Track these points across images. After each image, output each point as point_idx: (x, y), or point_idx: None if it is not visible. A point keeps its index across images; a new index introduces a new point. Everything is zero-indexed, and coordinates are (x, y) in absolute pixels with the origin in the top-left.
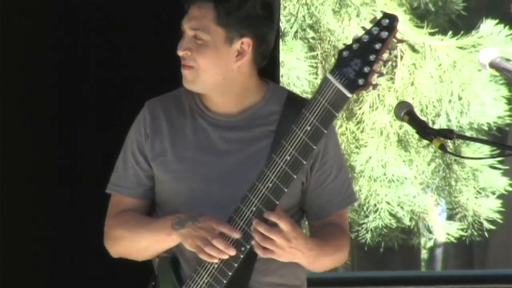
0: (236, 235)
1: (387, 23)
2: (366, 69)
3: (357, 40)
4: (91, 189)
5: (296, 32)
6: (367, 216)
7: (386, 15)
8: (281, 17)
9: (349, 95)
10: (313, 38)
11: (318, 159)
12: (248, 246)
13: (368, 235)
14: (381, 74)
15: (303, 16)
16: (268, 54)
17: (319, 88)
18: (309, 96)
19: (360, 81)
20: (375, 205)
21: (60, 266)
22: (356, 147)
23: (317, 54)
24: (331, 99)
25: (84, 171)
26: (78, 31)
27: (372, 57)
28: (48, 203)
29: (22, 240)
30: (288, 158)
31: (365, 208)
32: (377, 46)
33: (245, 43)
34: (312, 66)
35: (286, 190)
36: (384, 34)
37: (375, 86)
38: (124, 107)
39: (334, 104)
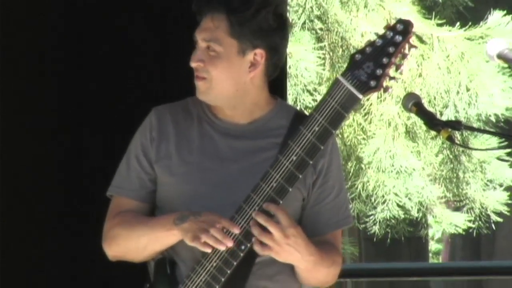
0: (236, 230)
1: (402, 28)
2: (378, 72)
3: (370, 44)
4: (91, 189)
5: (304, 23)
6: (375, 208)
7: (400, 21)
8: (289, 8)
9: (360, 96)
10: (320, 29)
11: (321, 175)
12: (248, 245)
13: (376, 227)
14: (392, 78)
15: (311, 7)
16: (280, 65)
17: (329, 90)
18: (316, 87)
19: (372, 83)
20: (383, 196)
21: (60, 266)
22: (364, 139)
23: (324, 45)
24: (341, 100)
25: (84, 171)
26: (78, 31)
27: (385, 60)
28: (48, 203)
29: (22, 240)
30: (294, 158)
31: (372, 200)
32: (391, 49)
33: (258, 54)
34: (319, 57)
35: (290, 190)
36: (398, 38)
37: (386, 89)
38: (125, 107)
39: (344, 105)
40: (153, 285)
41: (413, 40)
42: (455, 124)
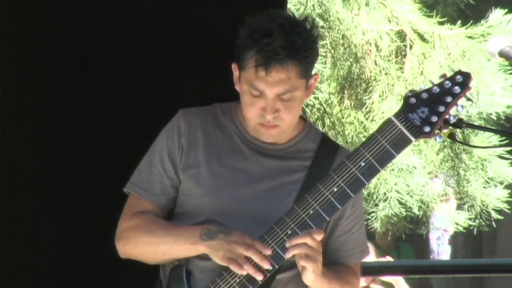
0: (268, 252)
1: (461, 80)
2: (433, 118)
3: (426, 90)
4: (91, 189)
5: None
6: (376, 205)
7: (460, 72)
8: (290, 6)
9: (412, 139)
10: (322, 27)
11: (348, 207)
12: (276, 266)
13: (378, 224)
14: (446, 127)
15: (313, 5)
16: None
17: (380, 128)
18: (317, 85)
19: (426, 129)
20: (384, 193)
21: (60, 266)
22: (365, 137)
23: (326, 43)
24: (392, 139)
25: (84, 171)
26: (78, 31)
27: (441, 108)
28: (48, 203)
29: (22, 240)
30: (335, 189)
31: (374, 197)
32: (448, 99)
33: (314, 79)
34: (321, 55)
35: (328, 219)
36: (457, 89)
37: (438, 137)
38: (126, 106)
39: (394, 145)
40: None
41: (470, 93)
42: (457, 122)
